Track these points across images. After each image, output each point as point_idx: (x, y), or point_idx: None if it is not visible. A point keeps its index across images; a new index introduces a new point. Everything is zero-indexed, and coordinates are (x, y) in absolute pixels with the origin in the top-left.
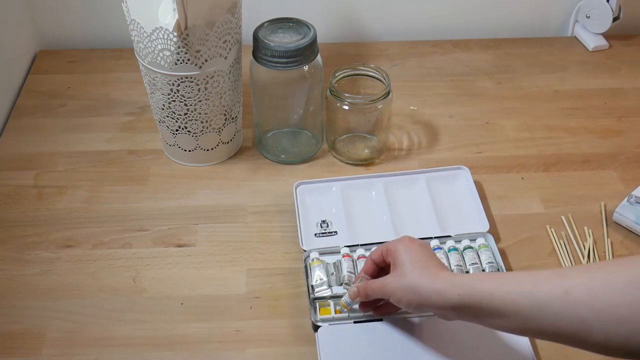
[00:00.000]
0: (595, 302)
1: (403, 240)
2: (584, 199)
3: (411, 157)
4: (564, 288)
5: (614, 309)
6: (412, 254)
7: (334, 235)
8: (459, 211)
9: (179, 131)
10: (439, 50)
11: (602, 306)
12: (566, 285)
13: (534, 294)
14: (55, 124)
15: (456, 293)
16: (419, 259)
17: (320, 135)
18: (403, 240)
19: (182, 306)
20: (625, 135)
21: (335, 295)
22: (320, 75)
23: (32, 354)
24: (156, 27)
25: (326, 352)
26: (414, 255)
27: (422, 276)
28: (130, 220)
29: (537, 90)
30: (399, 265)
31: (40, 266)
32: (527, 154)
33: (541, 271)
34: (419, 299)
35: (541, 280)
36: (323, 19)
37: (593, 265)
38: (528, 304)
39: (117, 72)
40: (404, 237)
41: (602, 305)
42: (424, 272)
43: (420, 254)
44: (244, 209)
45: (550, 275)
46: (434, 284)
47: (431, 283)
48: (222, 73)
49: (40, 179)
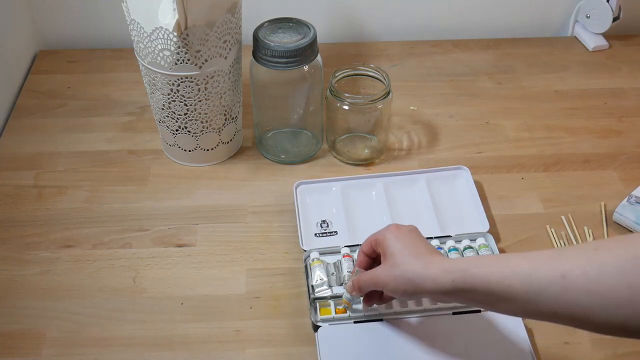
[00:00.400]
0: (592, 286)
1: (390, 229)
2: (584, 199)
3: (411, 157)
4: (560, 271)
5: (611, 291)
6: (402, 242)
7: (334, 235)
8: (459, 211)
9: (179, 131)
10: (439, 50)
11: (600, 288)
12: (562, 269)
13: (530, 278)
14: (55, 124)
15: (449, 279)
16: (409, 246)
17: (320, 135)
18: (390, 229)
19: (182, 306)
20: (625, 135)
21: (335, 295)
22: (320, 75)
23: (32, 354)
24: (156, 27)
25: (326, 352)
26: (404, 242)
27: (414, 264)
28: (130, 220)
29: (537, 90)
30: (389, 255)
31: (40, 266)
32: (527, 154)
33: (537, 253)
34: (413, 287)
35: (537, 264)
36: (323, 19)
37: (589, 245)
38: (524, 289)
39: (117, 72)
40: (391, 225)
41: (599, 287)
42: (415, 259)
43: (409, 240)
44: (244, 209)
45: (546, 258)
46: (427, 271)
47: (424, 270)
48: (222, 73)
49: (40, 179)
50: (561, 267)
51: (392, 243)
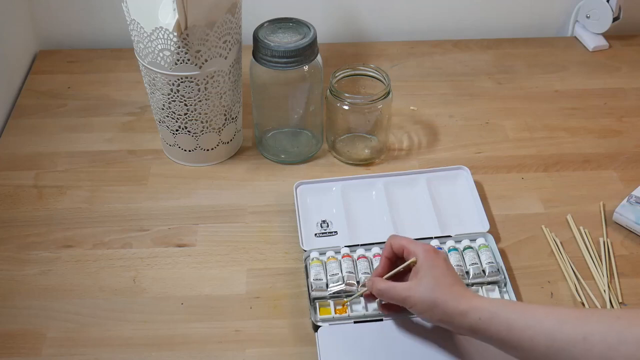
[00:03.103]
0: (611, 353)
1: (428, 250)
2: (584, 199)
3: (411, 157)
4: (583, 334)
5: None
6: (439, 269)
7: (334, 235)
8: (459, 211)
9: (179, 131)
10: (439, 50)
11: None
12: (585, 331)
13: (553, 334)
14: (55, 124)
15: (477, 317)
16: (445, 274)
17: (320, 135)
18: (428, 250)
19: (182, 306)
20: (625, 135)
21: (334, 293)
22: (320, 75)
23: (32, 354)
24: (156, 27)
25: (326, 352)
26: (441, 270)
27: (447, 295)
28: (130, 220)
29: (537, 90)
30: (422, 276)
31: (40, 266)
32: (527, 154)
33: (563, 310)
34: (439, 315)
35: (562, 321)
36: (323, 19)
37: (613, 313)
38: (545, 344)
39: (117, 72)
40: (427, 246)
41: (617, 355)
42: (449, 290)
43: (446, 270)
44: (244, 209)
45: (571, 317)
46: (458, 304)
47: (455, 303)
48: (222, 73)
49: (40, 179)
50: (584, 329)
51: (429, 266)
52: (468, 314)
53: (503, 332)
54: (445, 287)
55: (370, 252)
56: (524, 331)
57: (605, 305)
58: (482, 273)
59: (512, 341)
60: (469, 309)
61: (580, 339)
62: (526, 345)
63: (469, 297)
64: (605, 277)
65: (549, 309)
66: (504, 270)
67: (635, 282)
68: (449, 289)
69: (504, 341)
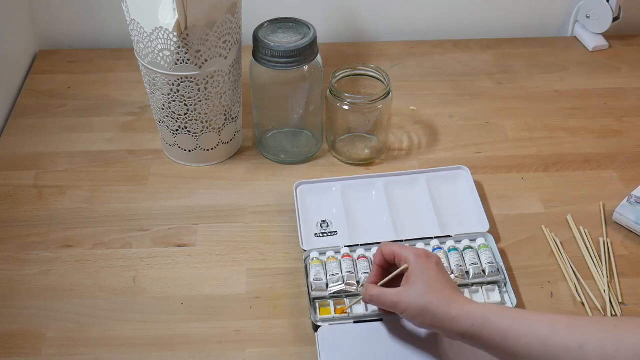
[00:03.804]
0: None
1: (419, 255)
2: (584, 199)
3: (411, 157)
4: (578, 342)
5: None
6: (430, 273)
7: (334, 235)
8: (459, 211)
9: (179, 131)
10: (439, 50)
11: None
12: (581, 340)
13: (548, 342)
14: (55, 124)
15: (469, 322)
16: (438, 279)
17: (320, 135)
18: (419, 255)
19: (182, 306)
20: (625, 135)
21: (334, 293)
22: (320, 75)
23: (32, 354)
24: (156, 27)
25: (326, 352)
26: (432, 274)
27: (439, 299)
28: (130, 220)
29: (537, 90)
30: (413, 282)
31: (40, 266)
32: (527, 154)
33: (556, 317)
34: (431, 320)
35: (557, 328)
36: (323, 19)
37: (610, 321)
38: (540, 351)
39: (117, 72)
40: (421, 253)
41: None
42: (440, 294)
43: (438, 274)
44: (244, 209)
45: (567, 324)
46: (450, 309)
47: (447, 308)
48: (222, 73)
49: (40, 179)
50: (580, 338)
51: (420, 271)
52: (460, 319)
53: (496, 339)
54: (436, 291)
55: (370, 252)
56: (518, 338)
57: (606, 305)
58: (482, 273)
59: (506, 348)
60: (462, 314)
61: (577, 346)
62: (520, 353)
63: (462, 302)
64: (605, 277)
65: (543, 316)
66: (504, 270)
67: (635, 282)
68: (440, 293)
69: (498, 348)
